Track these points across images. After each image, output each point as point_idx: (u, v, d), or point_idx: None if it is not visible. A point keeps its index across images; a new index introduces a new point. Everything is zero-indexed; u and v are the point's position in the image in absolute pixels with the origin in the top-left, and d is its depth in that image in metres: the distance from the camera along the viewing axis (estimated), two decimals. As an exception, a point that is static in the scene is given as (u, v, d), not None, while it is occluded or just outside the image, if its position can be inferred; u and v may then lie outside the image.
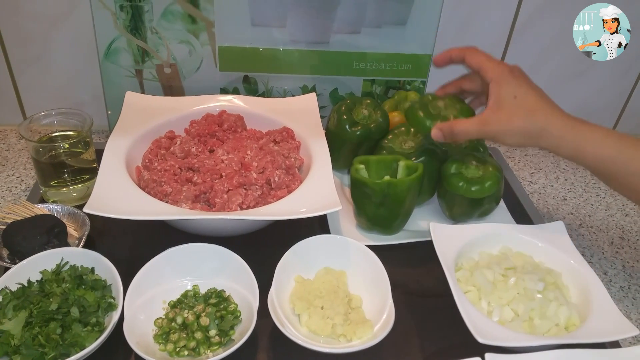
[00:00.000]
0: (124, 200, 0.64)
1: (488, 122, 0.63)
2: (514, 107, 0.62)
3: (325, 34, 0.87)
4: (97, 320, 0.58)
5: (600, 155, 0.62)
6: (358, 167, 0.73)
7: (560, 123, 0.62)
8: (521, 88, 0.63)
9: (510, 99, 0.62)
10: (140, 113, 0.79)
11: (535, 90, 0.64)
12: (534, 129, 0.63)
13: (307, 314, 0.61)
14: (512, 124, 0.63)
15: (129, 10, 0.82)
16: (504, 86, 0.63)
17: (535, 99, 0.63)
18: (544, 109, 0.63)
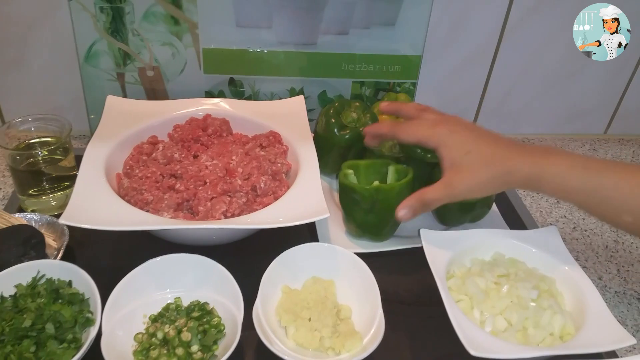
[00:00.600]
0: (103, 210, 0.61)
1: (453, 185, 0.62)
2: (471, 163, 0.61)
3: (313, 34, 0.85)
4: (73, 336, 0.55)
5: (566, 188, 0.60)
6: (347, 172, 0.71)
7: (521, 163, 0.60)
8: (469, 142, 0.62)
9: (464, 157, 0.61)
10: (122, 118, 0.76)
11: (484, 138, 0.63)
12: (499, 177, 0.61)
13: (294, 326, 0.59)
14: (477, 179, 0.61)
15: (109, 12, 0.80)
16: (452, 147, 0.62)
17: (489, 147, 0.61)
18: (500, 154, 0.61)
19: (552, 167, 0.59)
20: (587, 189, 0.59)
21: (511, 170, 0.60)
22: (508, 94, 1.01)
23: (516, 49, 0.95)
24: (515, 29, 0.93)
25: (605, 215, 0.61)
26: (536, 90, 1.01)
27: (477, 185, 0.62)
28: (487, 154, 0.61)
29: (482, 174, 0.61)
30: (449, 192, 0.62)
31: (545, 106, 1.04)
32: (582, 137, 1.09)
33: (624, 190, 0.58)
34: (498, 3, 0.90)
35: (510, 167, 0.60)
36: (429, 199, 0.63)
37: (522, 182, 0.61)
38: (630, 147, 1.08)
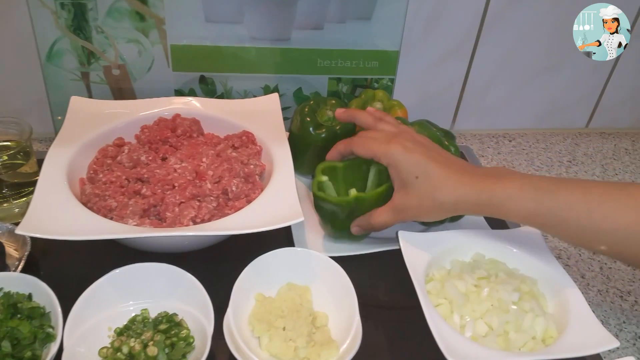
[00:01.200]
0: (63, 218, 0.58)
1: (401, 209, 0.62)
2: (418, 189, 0.60)
3: (286, 29, 0.83)
4: (33, 353, 0.52)
5: (520, 211, 0.58)
6: (320, 179, 0.67)
7: (470, 190, 0.59)
8: (420, 166, 0.60)
9: (412, 181, 0.60)
10: (87, 119, 0.73)
11: (436, 161, 0.60)
12: (447, 205, 0.60)
13: (267, 336, 0.57)
14: (423, 207, 0.61)
15: (71, 8, 0.76)
16: (402, 169, 0.60)
17: (437, 173, 0.60)
18: (448, 182, 0.59)
19: (503, 191, 0.58)
20: (541, 211, 0.57)
21: (458, 200, 0.59)
22: (488, 89, 1.00)
23: (495, 43, 0.93)
24: (494, 23, 0.91)
25: (567, 237, 0.60)
26: (516, 85, 1.00)
27: (424, 212, 0.62)
28: (436, 181, 0.59)
29: (428, 201, 0.60)
30: (396, 216, 0.63)
31: (526, 100, 1.03)
32: (564, 132, 1.08)
33: (578, 209, 0.56)
34: (476, -4, 0.88)
35: (458, 197, 0.59)
36: (377, 223, 0.64)
37: (471, 209, 0.60)
38: (611, 141, 1.07)
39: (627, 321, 0.68)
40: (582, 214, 0.56)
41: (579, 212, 0.56)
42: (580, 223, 0.56)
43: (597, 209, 0.56)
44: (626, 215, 0.55)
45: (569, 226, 0.57)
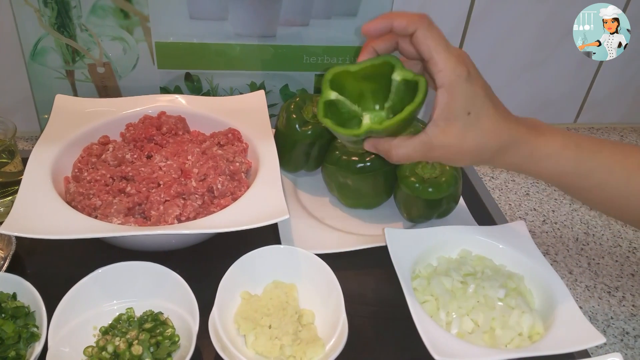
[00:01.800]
0: (47, 217, 0.58)
1: (434, 147, 0.51)
2: (466, 127, 0.50)
3: (271, 26, 0.82)
4: (17, 353, 0.52)
5: (557, 170, 0.55)
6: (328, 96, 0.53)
7: (513, 140, 0.52)
8: (477, 101, 0.50)
9: (462, 116, 0.50)
10: (72, 117, 0.73)
11: (491, 100, 0.52)
12: (488, 152, 0.53)
13: (253, 334, 0.57)
14: (462, 149, 0.51)
15: (54, 6, 0.75)
16: (458, 98, 0.49)
17: (491, 114, 0.51)
18: (497, 127, 0.51)
19: (545, 146, 0.53)
20: (581, 171, 0.55)
21: (500, 148, 0.52)
22: (476, 84, 0.99)
23: (482, 38, 0.93)
24: (481, 19, 0.90)
25: (599, 201, 0.58)
26: (504, 80, 1.00)
27: (459, 155, 0.52)
28: (487, 123, 0.51)
29: (470, 144, 0.51)
30: (425, 154, 0.52)
31: (513, 96, 1.02)
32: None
33: (618, 174, 0.54)
34: (463, -11, 0.88)
35: (500, 144, 0.52)
36: (398, 156, 0.52)
37: (507, 160, 0.54)
38: (599, 136, 1.07)
39: (615, 317, 0.69)
40: (621, 179, 0.54)
41: (617, 176, 0.54)
42: (617, 188, 0.55)
43: (636, 176, 0.54)
44: None
45: (604, 190, 0.55)
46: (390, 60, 0.51)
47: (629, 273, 0.75)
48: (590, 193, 0.57)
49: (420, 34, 0.48)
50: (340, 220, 0.75)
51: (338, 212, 0.77)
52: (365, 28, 0.50)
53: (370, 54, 0.52)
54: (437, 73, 0.49)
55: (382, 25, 0.49)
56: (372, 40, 0.52)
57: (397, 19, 0.49)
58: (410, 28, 0.48)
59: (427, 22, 0.49)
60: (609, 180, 0.55)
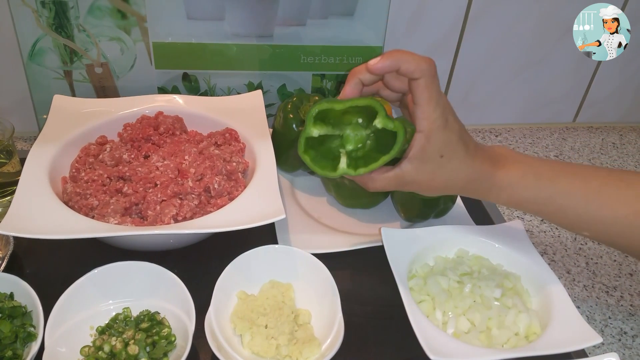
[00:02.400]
0: (44, 217, 0.58)
1: (407, 182, 0.56)
2: (437, 167, 0.55)
3: (269, 26, 0.82)
4: (14, 352, 0.52)
5: (518, 198, 0.58)
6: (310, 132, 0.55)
7: (476, 175, 0.56)
8: (450, 145, 0.54)
9: (436, 159, 0.54)
10: (70, 117, 0.73)
11: (463, 143, 0.55)
12: (455, 188, 0.57)
13: (249, 334, 0.57)
14: (432, 185, 0.56)
15: (52, 6, 0.76)
16: (434, 144, 0.53)
17: (461, 157, 0.55)
18: (464, 166, 0.55)
19: (505, 178, 0.57)
20: (540, 199, 0.57)
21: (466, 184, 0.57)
22: (473, 84, 0.99)
23: (480, 38, 0.93)
24: (479, 18, 0.91)
25: (564, 224, 0.60)
26: (502, 80, 1.00)
27: (430, 189, 0.58)
28: (456, 164, 0.55)
29: (440, 182, 0.56)
30: (398, 187, 0.57)
31: (512, 95, 1.03)
32: (551, 126, 1.08)
33: (577, 198, 0.56)
34: (460, -9, 0.88)
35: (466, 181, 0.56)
36: (374, 188, 0.57)
37: (472, 192, 0.59)
38: (599, 135, 1.07)
39: (613, 317, 0.69)
40: (581, 203, 0.56)
41: (577, 201, 0.56)
42: (578, 211, 0.57)
43: (595, 199, 0.56)
44: (625, 205, 0.55)
45: (566, 214, 0.57)
46: (374, 105, 0.53)
47: (627, 273, 0.75)
48: (553, 217, 0.59)
49: (422, 83, 0.51)
50: (337, 219, 0.75)
51: (335, 212, 0.77)
52: (373, 67, 0.51)
53: (357, 86, 0.53)
54: (420, 119, 0.53)
55: (390, 66, 0.51)
56: (357, 72, 0.53)
57: (405, 65, 0.50)
58: (416, 75, 0.50)
59: (433, 72, 0.51)
60: (569, 204, 0.57)
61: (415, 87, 0.51)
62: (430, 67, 0.51)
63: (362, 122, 0.55)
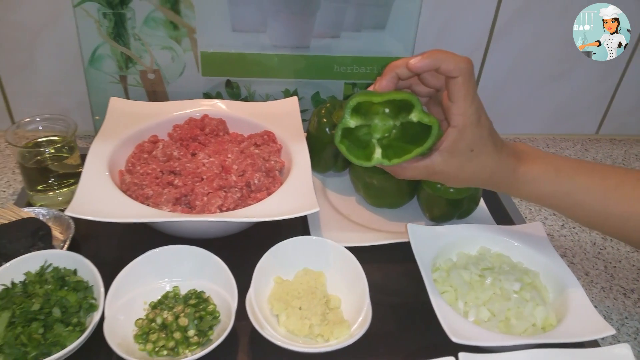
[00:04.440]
0: (106, 203, 0.65)
1: (436, 172, 0.59)
2: (466, 160, 0.58)
3: (306, 38, 0.89)
4: (78, 320, 0.59)
5: (539, 192, 0.61)
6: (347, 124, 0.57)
7: (500, 169, 0.59)
8: (480, 141, 0.57)
9: (465, 152, 0.57)
10: (124, 118, 0.80)
11: (492, 138, 0.58)
12: (480, 180, 0.61)
13: (285, 314, 0.62)
14: (459, 177, 0.59)
15: (112, 17, 0.83)
16: (466, 138, 0.56)
17: (489, 152, 0.58)
18: (491, 161, 0.58)
19: (526, 173, 0.60)
20: (559, 194, 0.60)
21: (490, 177, 0.60)
22: (499, 95, 1.03)
23: (505, 50, 0.97)
24: (504, 30, 0.95)
25: (580, 218, 0.63)
26: (526, 91, 1.03)
27: (457, 181, 0.60)
28: (484, 160, 0.58)
29: (467, 174, 0.59)
30: (427, 177, 0.60)
31: (536, 106, 1.06)
32: (574, 137, 1.11)
33: (595, 194, 0.60)
34: (486, 4, 0.92)
35: (491, 174, 0.59)
36: (403, 176, 0.60)
37: (495, 186, 0.62)
38: (621, 147, 1.10)
39: (630, 317, 0.71)
40: (598, 199, 0.60)
41: (595, 196, 0.60)
42: (595, 207, 0.60)
43: (612, 195, 0.59)
44: None
45: (584, 209, 0.61)
46: (412, 100, 0.56)
47: (644, 276, 0.77)
48: (571, 211, 0.62)
49: (460, 81, 0.54)
50: (365, 217, 0.80)
51: (364, 211, 0.82)
52: (414, 66, 0.54)
53: (393, 80, 0.56)
54: (455, 115, 0.55)
55: (430, 65, 0.53)
56: (395, 66, 0.56)
57: (445, 64, 0.53)
58: (454, 73, 0.53)
59: (470, 72, 0.54)
60: (587, 199, 0.60)
61: (453, 84, 0.54)
62: (468, 67, 0.53)
63: (389, 112, 0.57)
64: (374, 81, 0.57)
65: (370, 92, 0.56)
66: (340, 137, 0.57)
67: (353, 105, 0.56)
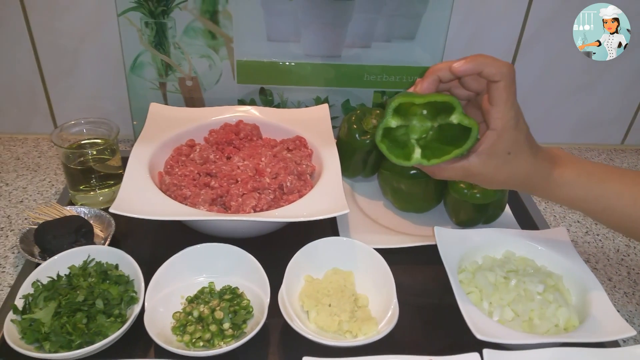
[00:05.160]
0: (147, 202, 0.69)
1: (472, 174, 0.60)
2: (503, 163, 0.59)
3: (338, 48, 0.92)
4: (119, 312, 0.62)
5: (571, 195, 0.63)
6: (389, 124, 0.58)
7: (534, 173, 0.61)
8: (518, 144, 0.59)
9: (501, 154, 0.59)
10: (163, 123, 0.84)
11: (528, 143, 0.60)
12: (514, 183, 0.63)
13: (315, 310, 0.65)
14: (495, 179, 0.61)
15: (154, 26, 0.88)
16: (504, 141, 0.58)
17: (525, 155, 0.60)
18: (526, 164, 0.60)
19: (559, 177, 0.61)
20: (590, 197, 0.62)
21: (524, 180, 0.61)
22: (526, 104, 1.02)
23: (533, 60, 0.99)
24: (532, 41, 0.97)
25: (610, 222, 0.65)
26: (553, 101, 1.05)
27: (491, 183, 0.62)
28: (520, 162, 0.60)
29: (503, 176, 0.61)
30: (463, 177, 0.62)
31: (562, 116, 1.07)
32: (599, 147, 1.12)
33: (625, 198, 0.61)
34: (513, 18, 0.95)
35: (525, 177, 0.61)
36: (441, 176, 0.62)
37: (528, 188, 0.64)
38: (648, 158, 1.10)
39: None
40: (628, 203, 0.61)
41: (625, 201, 0.61)
42: (626, 211, 0.61)
43: None
44: None
45: (614, 212, 0.62)
46: (453, 102, 0.57)
47: (668, 284, 0.78)
48: (601, 215, 0.64)
49: (502, 85, 0.55)
50: (393, 221, 0.83)
51: (391, 215, 0.84)
52: (458, 69, 0.55)
53: (434, 82, 0.58)
54: (495, 119, 0.57)
55: (473, 69, 0.55)
56: (437, 69, 0.57)
57: (488, 68, 0.55)
58: (496, 77, 0.55)
59: (512, 77, 0.55)
60: (617, 204, 0.61)
61: (495, 89, 0.55)
62: (510, 72, 0.55)
63: (426, 114, 0.59)
64: (414, 83, 0.59)
65: (411, 94, 0.58)
66: (381, 136, 0.59)
67: (395, 105, 0.57)
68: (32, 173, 0.94)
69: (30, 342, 0.58)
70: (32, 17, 0.90)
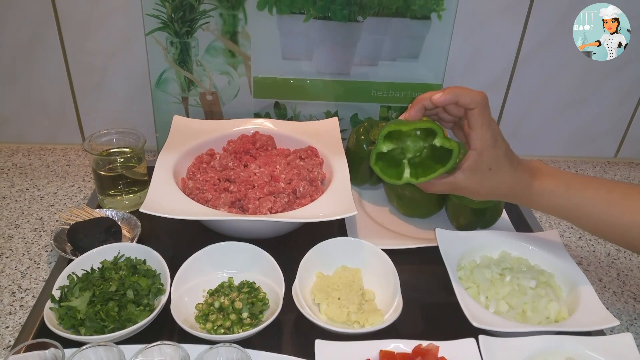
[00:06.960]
0: (173, 203, 0.75)
1: (459, 188, 0.67)
2: (485, 178, 0.66)
3: (347, 66, 0.99)
4: (148, 302, 0.68)
5: (551, 204, 0.68)
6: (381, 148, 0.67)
7: (516, 185, 0.67)
8: (497, 160, 0.65)
9: (484, 170, 0.65)
10: (186, 134, 0.91)
11: (508, 158, 0.66)
12: (498, 195, 0.69)
13: (325, 303, 0.70)
14: (480, 191, 0.68)
15: (178, 45, 0.95)
16: (484, 159, 0.65)
17: (505, 170, 0.66)
18: (507, 178, 0.66)
19: (539, 187, 0.67)
20: (568, 206, 0.68)
21: (507, 191, 0.67)
22: (522, 119, 1.11)
23: (529, 78, 1.05)
24: (528, 59, 1.03)
25: (588, 228, 0.71)
26: (548, 115, 1.11)
27: (477, 195, 0.69)
28: (501, 177, 0.66)
29: (487, 189, 0.67)
30: (451, 191, 0.69)
31: (558, 130, 1.13)
32: (593, 160, 1.17)
33: (600, 206, 0.67)
34: (510, 37, 1.01)
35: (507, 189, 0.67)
36: (431, 191, 0.69)
37: (511, 199, 0.70)
38: (639, 170, 1.15)
39: (638, 318, 0.76)
40: (604, 210, 0.67)
41: (601, 207, 0.67)
42: (601, 217, 0.67)
43: (616, 206, 0.67)
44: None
45: (591, 220, 0.68)
46: (435, 128, 0.65)
47: (656, 285, 0.83)
48: (579, 221, 0.70)
49: (476, 112, 0.63)
50: (398, 226, 0.89)
51: (396, 220, 0.90)
52: (437, 100, 0.64)
53: (420, 110, 0.66)
54: (474, 140, 0.64)
55: (449, 100, 0.63)
56: (422, 99, 0.65)
57: (462, 98, 0.63)
58: (472, 105, 0.63)
59: (485, 104, 0.63)
60: (593, 211, 0.67)
61: (471, 115, 0.63)
62: (482, 99, 0.63)
63: (419, 134, 0.67)
64: (407, 108, 0.67)
65: (400, 121, 0.66)
66: (375, 159, 0.67)
67: (385, 133, 0.66)
68: (61, 180, 1.01)
69: (67, 327, 0.64)
70: (66, 36, 0.98)
